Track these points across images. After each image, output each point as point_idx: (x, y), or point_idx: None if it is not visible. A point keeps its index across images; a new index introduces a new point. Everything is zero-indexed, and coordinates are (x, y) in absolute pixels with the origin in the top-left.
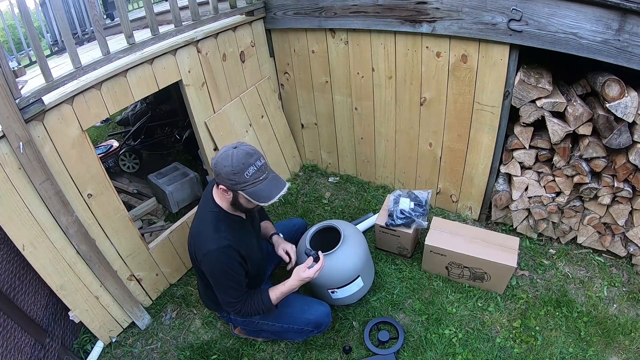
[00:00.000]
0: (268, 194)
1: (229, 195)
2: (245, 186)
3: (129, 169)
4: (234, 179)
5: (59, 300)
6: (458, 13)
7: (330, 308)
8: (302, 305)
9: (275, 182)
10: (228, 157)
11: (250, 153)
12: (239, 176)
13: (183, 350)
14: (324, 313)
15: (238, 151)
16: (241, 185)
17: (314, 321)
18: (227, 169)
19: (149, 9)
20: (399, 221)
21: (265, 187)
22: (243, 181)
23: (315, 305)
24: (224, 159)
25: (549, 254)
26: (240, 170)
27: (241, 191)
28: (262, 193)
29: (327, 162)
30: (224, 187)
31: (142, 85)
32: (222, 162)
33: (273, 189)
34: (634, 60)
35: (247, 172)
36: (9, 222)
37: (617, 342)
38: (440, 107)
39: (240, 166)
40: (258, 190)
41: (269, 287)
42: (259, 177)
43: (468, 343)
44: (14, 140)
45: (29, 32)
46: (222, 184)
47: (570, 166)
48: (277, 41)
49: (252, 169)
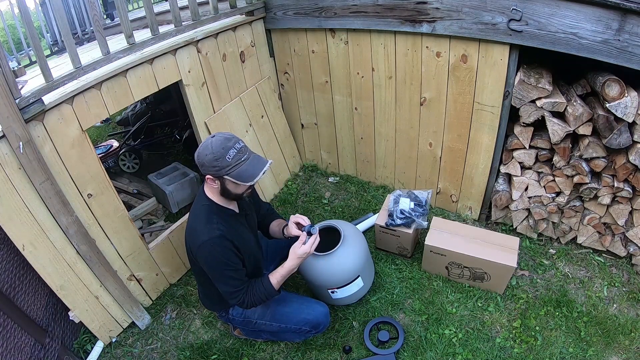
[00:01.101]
0: (252, 172)
1: (216, 184)
2: (229, 170)
3: (129, 169)
4: (217, 164)
5: (59, 300)
6: (458, 13)
7: (328, 308)
8: (300, 305)
9: (256, 161)
10: (208, 146)
11: (228, 138)
12: (221, 161)
13: (183, 350)
14: (322, 313)
15: (216, 138)
16: (225, 169)
17: (312, 321)
18: (209, 156)
19: (149, 9)
20: (399, 221)
21: (248, 166)
22: (226, 165)
23: (313, 305)
24: (204, 148)
25: (549, 254)
26: (221, 155)
27: (226, 176)
28: (246, 173)
29: (327, 162)
30: (210, 176)
31: (142, 85)
32: (203, 152)
33: (256, 167)
34: (634, 60)
35: (228, 156)
36: (9, 222)
37: (617, 342)
38: (440, 107)
39: (220, 151)
40: (242, 171)
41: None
42: (241, 159)
43: (468, 343)
44: (14, 140)
45: (29, 32)
46: (208, 174)
47: (570, 166)
48: (277, 41)
49: (232, 152)
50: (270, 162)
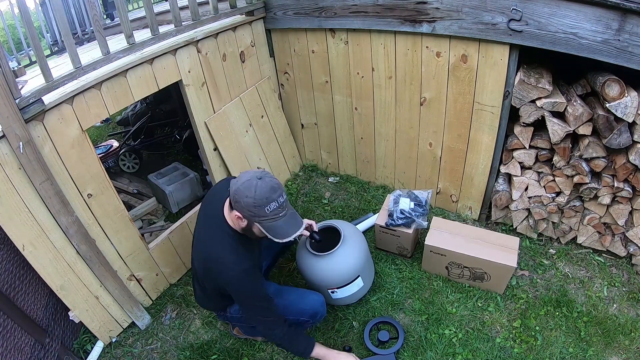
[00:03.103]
0: (285, 231)
1: (243, 222)
2: (263, 220)
3: (129, 169)
4: (254, 211)
5: (59, 300)
6: (458, 13)
7: (324, 297)
8: (296, 296)
9: (293, 219)
10: (251, 187)
11: (275, 188)
12: (259, 210)
13: (183, 350)
14: (318, 302)
15: (263, 183)
16: (259, 218)
17: (309, 311)
18: (249, 200)
19: (149, 9)
20: (399, 221)
21: (283, 224)
22: (262, 215)
23: (309, 295)
24: (246, 188)
25: (549, 254)
26: (262, 204)
27: (258, 223)
28: (280, 230)
29: (327, 162)
30: (240, 215)
31: (142, 85)
32: (244, 191)
33: (290, 227)
34: (634, 60)
35: (268, 207)
36: (9, 222)
37: (617, 342)
38: (440, 107)
39: (262, 200)
40: (276, 226)
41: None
42: (279, 214)
43: (468, 343)
44: (14, 140)
45: (29, 32)
46: (239, 212)
47: (570, 166)
48: (277, 41)
49: (273, 205)
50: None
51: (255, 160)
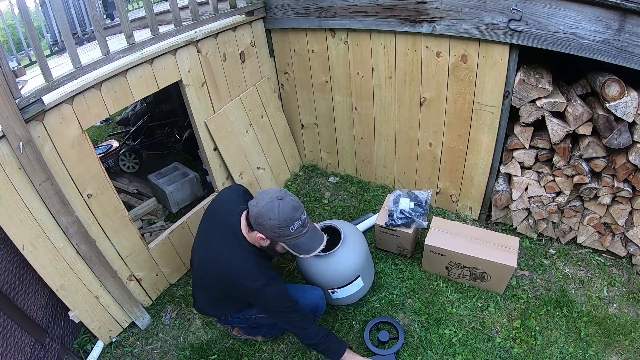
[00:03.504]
0: (310, 247)
1: (265, 242)
2: (288, 239)
3: (129, 169)
4: (278, 232)
5: (59, 300)
6: (458, 13)
7: (322, 291)
8: (297, 292)
9: (314, 234)
10: (274, 209)
11: (296, 207)
12: (283, 230)
13: (183, 350)
14: (318, 296)
15: (284, 204)
16: (284, 238)
17: (310, 305)
18: (273, 222)
19: (149, 9)
20: (399, 221)
21: (307, 240)
22: (287, 235)
23: (309, 291)
24: (269, 210)
25: (549, 254)
26: (286, 225)
27: (282, 243)
28: (304, 246)
29: (327, 162)
30: (263, 236)
31: (142, 85)
32: (267, 214)
33: (315, 242)
34: (634, 60)
35: (293, 227)
36: (9, 222)
37: (617, 342)
38: (440, 107)
39: (286, 221)
40: (300, 243)
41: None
42: (302, 231)
43: (468, 343)
44: (14, 140)
45: (29, 32)
46: (263, 234)
47: (570, 166)
48: (277, 41)
49: (297, 224)
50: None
51: (255, 160)
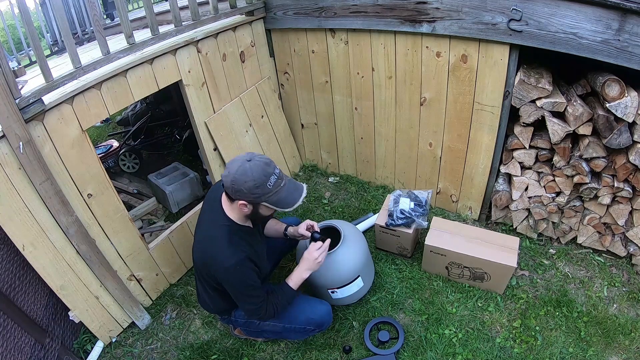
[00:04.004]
0: (291, 199)
1: (247, 209)
2: (269, 197)
3: (129, 169)
4: (257, 192)
5: (59, 300)
6: (458, 13)
7: (331, 307)
8: (304, 305)
9: (293, 186)
10: (246, 171)
11: (267, 162)
12: (262, 188)
13: (183, 350)
14: (325, 312)
15: (255, 164)
16: (265, 196)
17: (316, 320)
18: (249, 183)
19: (149, 9)
20: (399, 221)
21: (287, 193)
22: (267, 192)
23: (316, 305)
24: (242, 174)
25: (549, 254)
26: (262, 182)
27: (264, 202)
28: (286, 200)
29: (327, 162)
30: (244, 201)
31: (142, 85)
32: (241, 178)
33: (294, 193)
34: (634, 60)
35: (269, 183)
36: (9, 222)
37: (617, 342)
38: (440, 107)
39: (261, 178)
40: (281, 198)
41: (272, 284)
42: (280, 185)
43: (468, 343)
44: (14, 140)
45: (29, 32)
46: (243, 199)
47: (570, 166)
48: (277, 41)
49: (273, 178)
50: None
51: None
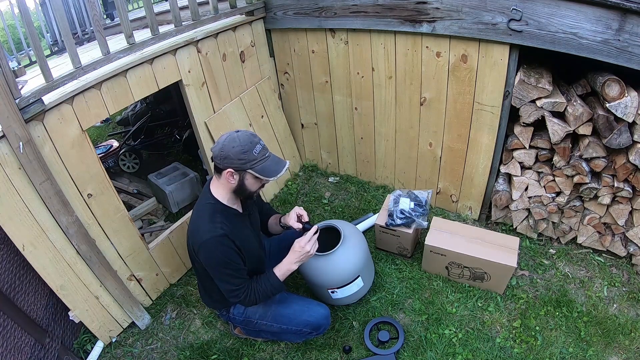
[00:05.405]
0: (275, 168)
1: (234, 179)
2: (254, 164)
3: (129, 169)
4: (244, 157)
5: (59, 300)
6: (458, 13)
7: (329, 311)
8: (302, 306)
9: (277, 159)
10: (235, 139)
11: (253, 134)
12: (248, 154)
13: (183, 350)
14: (322, 315)
15: (242, 133)
16: (251, 163)
17: (313, 323)
18: (236, 149)
19: (149, 9)
20: (399, 221)
21: (271, 163)
22: (252, 159)
23: (314, 307)
24: (231, 141)
25: (549, 254)
26: (249, 148)
27: (250, 169)
28: (270, 168)
29: (327, 162)
30: (232, 169)
31: (142, 85)
32: (229, 144)
33: (278, 164)
34: (634, 60)
35: (255, 150)
36: (9, 222)
37: (617, 342)
38: (440, 107)
39: (248, 145)
40: (266, 167)
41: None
42: (265, 154)
43: (468, 343)
44: (14, 140)
45: (29, 32)
46: (231, 167)
47: (570, 166)
48: (277, 41)
49: (258, 147)
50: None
51: None
